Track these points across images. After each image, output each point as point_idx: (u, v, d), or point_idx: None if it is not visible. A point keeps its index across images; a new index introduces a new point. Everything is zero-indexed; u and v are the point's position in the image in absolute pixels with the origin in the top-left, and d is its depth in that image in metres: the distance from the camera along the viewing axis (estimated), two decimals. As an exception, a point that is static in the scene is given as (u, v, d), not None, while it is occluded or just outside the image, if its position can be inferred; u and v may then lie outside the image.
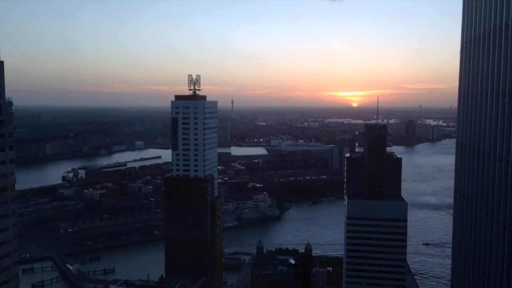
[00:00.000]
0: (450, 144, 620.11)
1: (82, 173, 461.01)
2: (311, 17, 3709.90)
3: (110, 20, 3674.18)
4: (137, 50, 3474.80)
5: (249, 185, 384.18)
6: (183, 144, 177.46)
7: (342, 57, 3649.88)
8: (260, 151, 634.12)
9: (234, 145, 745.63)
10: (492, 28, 68.72)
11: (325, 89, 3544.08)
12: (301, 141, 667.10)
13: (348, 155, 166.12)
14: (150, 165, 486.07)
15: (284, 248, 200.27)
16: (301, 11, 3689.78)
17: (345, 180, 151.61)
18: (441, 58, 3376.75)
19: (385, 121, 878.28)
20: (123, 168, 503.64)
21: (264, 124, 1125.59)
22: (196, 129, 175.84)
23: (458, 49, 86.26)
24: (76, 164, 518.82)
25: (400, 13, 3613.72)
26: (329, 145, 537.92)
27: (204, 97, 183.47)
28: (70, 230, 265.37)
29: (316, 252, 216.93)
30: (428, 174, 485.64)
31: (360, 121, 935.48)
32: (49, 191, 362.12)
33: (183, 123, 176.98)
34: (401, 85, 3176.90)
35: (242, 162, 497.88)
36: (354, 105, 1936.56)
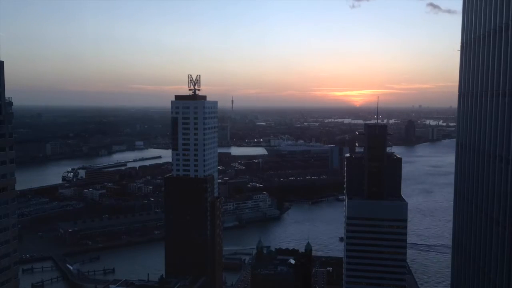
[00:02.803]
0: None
1: (82, 173, 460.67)
2: (301, 18, 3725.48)
3: (110, 20, 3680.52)
4: (136, 50, 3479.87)
5: (249, 185, 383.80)
6: (183, 144, 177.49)
7: (332, 57, 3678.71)
8: (260, 151, 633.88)
9: (234, 145, 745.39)
10: (492, 28, 68.74)
11: (317, 88, 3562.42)
12: (301, 141, 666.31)
13: (348, 155, 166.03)
14: (150, 165, 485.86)
15: (284, 248, 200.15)
16: (292, 12, 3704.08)
17: (345, 180, 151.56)
18: (425, 59, 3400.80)
19: (385, 121, 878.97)
20: (123, 168, 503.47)
21: (264, 124, 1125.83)
22: (196, 129, 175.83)
23: (452, 49, 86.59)
24: (76, 164, 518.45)
25: (389, 13, 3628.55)
26: (329, 145, 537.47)
27: (204, 97, 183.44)
28: (70, 230, 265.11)
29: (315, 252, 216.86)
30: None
31: (360, 121, 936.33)
32: (49, 191, 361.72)
33: (183, 123, 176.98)
34: (386, 84, 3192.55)
35: (242, 162, 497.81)
36: (357, 105, 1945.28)
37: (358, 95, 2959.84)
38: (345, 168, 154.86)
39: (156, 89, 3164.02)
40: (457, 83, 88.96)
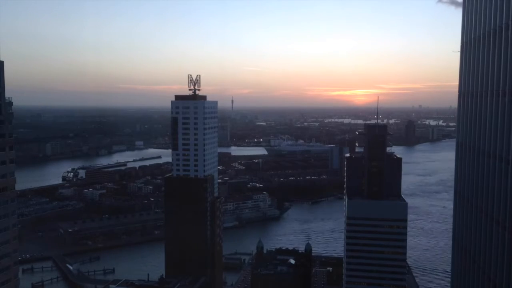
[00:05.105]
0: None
1: (82, 173, 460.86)
2: (291, 19, 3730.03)
3: (110, 21, 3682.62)
4: (137, 50, 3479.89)
5: (249, 185, 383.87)
6: (183, 144, 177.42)
7: (323, 57, 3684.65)
8: (260, 151, 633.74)
9: (234, 145, 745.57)
10: (492, 28, 68.71)
11: (310, 88, 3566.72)
12: (301, 141, 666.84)
13: (348, 155, 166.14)
14: (150, 165, 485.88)
15: (284, 248, 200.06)
16: (284, 13, 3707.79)
17: (345, 180, 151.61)
18: (423, 58, 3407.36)
19: (385, 121, 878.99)
20: (123, 168, 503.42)
21: (264, 124, 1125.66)
22: (196, 129, 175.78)
23: (450, 49, 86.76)
24: (76, 164, 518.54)
25: (385, 12, 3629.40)
26: (329, 145, 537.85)
27: (204, 97, 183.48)
28: (70, 230, 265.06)
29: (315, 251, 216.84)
30: None
31: (360, 121, 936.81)
32: (49, 191, 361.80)
33: (183, 123, 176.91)
34: (376, 84, 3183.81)
35: (242, 162, 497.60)
36: (358, 104, 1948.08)
37: (352, 95, 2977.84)
38: (345, 168, 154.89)
39: (152, 89, 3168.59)
40: (456, 83, 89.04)
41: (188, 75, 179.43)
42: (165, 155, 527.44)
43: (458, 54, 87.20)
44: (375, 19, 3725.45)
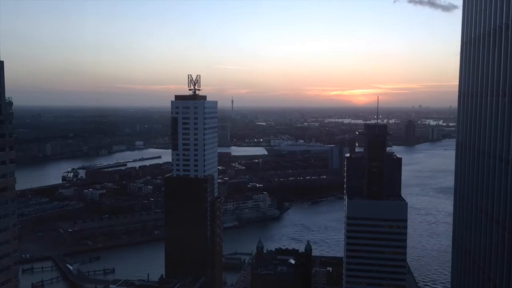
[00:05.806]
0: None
1: (82, 173, 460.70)
2: (288, 19, 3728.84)
3: (110, 21, 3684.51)
4: (135, 50, 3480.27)
5: (249, 185, 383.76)
6: (183, 144, 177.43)
7: (320, 57, 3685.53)
8: (260, 151, 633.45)
9: (234, 145, 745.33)
10: (492, 28, 68.77)
11: (308, 88, 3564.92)
12: (301, 141, 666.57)
13: (348, 155, 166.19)
14: (150, 165, 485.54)
15: (284, 248, 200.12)
16: (283, 13, 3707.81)
17: (345, 180, 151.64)
18: (421, 58, 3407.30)
19: (385, 121, 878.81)
20: (123, 168, 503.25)
21: (264, 124, 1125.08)
22: (196, 129, 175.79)
23: (450, 49, 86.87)
24: (76, 164, 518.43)
25: (377, 13, 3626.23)
26: (329, 145, 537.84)
27: (204, 97, 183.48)
28: (70, 230, 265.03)
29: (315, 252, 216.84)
30: None
31: (360, 121, 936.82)
32: (49, 191, 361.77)
33: (183, 123, 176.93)
34: (374, 84, 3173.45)
35: (242, 162, 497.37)
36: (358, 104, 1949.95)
37: (350, 95, 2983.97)
38: (345, 168, 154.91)
39: (151, 89, 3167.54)
40: (456, 83, 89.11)
41: (188, 75, 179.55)
42: (165, 155, 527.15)
43: (458, 54, 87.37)
44: (372, 19, 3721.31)
